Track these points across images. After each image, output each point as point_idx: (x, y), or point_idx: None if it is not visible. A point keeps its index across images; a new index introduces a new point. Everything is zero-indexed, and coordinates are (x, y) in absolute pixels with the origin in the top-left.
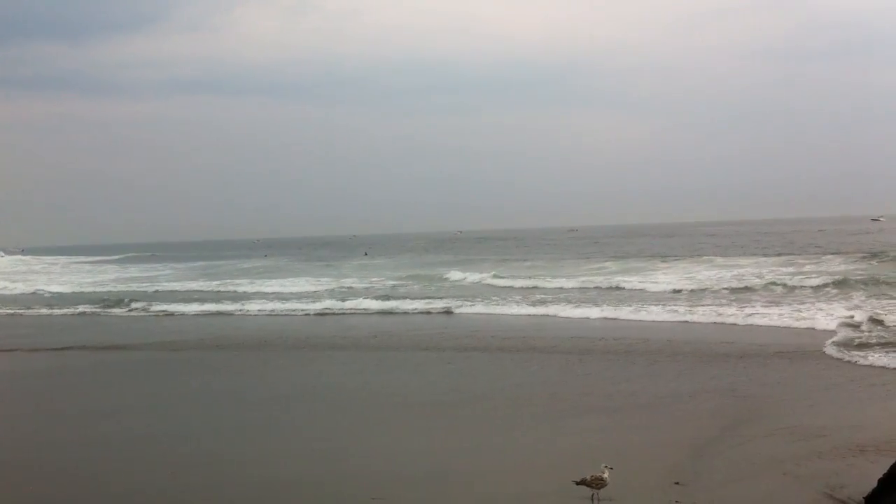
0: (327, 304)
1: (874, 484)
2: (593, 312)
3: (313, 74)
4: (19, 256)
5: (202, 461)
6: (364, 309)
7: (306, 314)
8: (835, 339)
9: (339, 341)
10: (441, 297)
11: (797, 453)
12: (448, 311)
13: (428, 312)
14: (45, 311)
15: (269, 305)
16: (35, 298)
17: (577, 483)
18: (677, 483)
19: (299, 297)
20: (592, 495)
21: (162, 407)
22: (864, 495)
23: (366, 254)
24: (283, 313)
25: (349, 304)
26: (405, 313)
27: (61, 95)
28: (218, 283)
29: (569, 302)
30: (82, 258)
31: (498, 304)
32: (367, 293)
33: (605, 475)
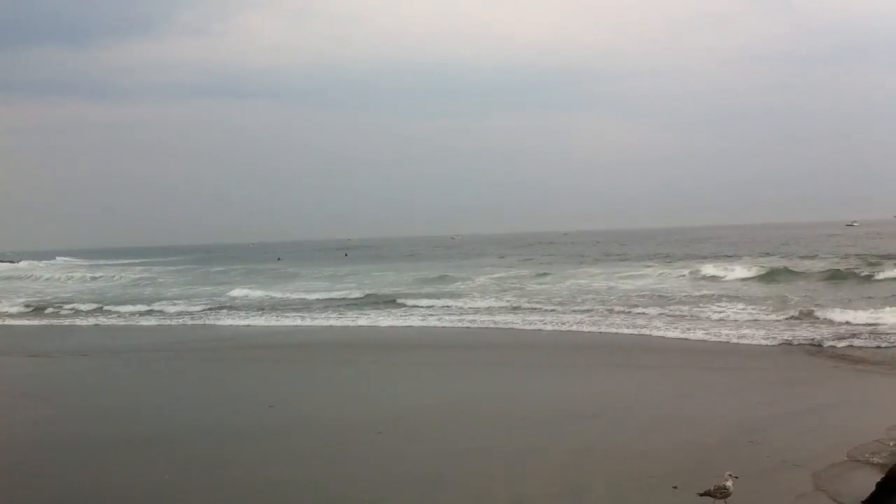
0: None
1: (873, 488)
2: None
3: (315, 78)
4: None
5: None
6: None
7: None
8: (827, 342)
9: None
10: None
11: (798, 458)
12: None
13: None
14: None
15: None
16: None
17: (701, 495)
18: (675, 487)
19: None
20: None
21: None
22: (863, 499)
23: (346, 255)
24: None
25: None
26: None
27: (65, 99)
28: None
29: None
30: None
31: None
32: None
33: (729, 483)
